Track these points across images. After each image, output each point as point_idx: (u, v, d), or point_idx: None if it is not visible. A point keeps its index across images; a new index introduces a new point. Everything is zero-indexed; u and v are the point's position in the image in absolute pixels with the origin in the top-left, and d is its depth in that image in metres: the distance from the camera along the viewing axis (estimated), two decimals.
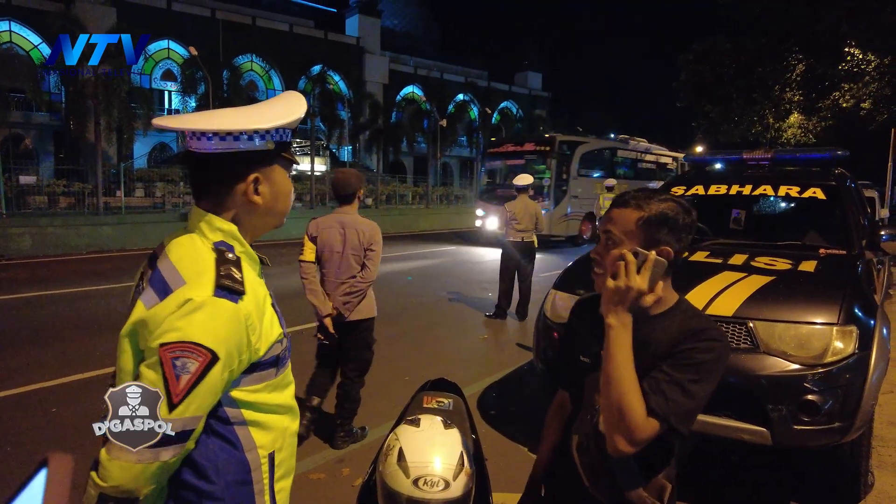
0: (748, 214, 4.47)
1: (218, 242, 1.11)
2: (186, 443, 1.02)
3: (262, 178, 1.13)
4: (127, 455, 0.97)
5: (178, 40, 29.64)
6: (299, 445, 3.01)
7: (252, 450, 1.12)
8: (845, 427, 2.67)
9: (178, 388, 0.98)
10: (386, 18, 43.20)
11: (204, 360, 0.99)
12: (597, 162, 18.66)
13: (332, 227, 3.50)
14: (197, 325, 0.99)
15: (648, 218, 1.22)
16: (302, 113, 1.18)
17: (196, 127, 1.06)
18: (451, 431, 1.51)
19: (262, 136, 1.10)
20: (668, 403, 1.13)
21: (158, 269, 1.07)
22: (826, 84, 18.12)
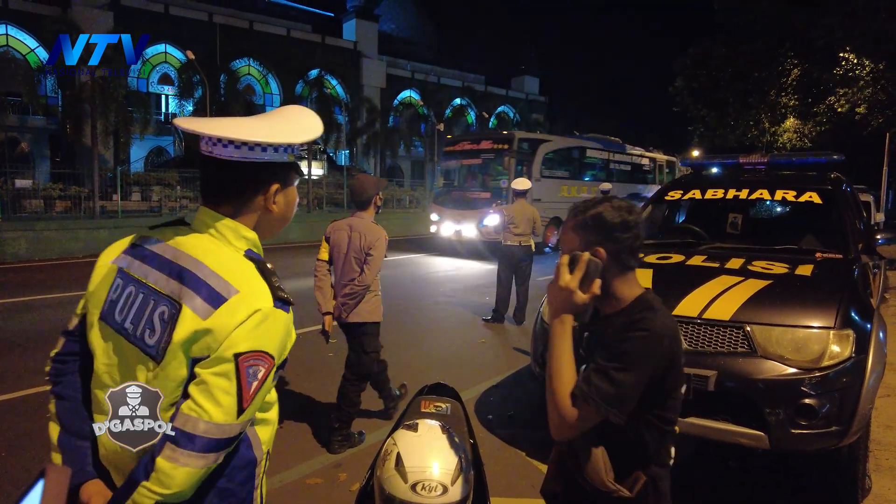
0: (745, 218, 4.49)
1: (247, 251, 1.15)
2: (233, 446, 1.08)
3: (281, 188, 1.18)
4: (195, 461, 1.01)
5: (175, 44, 29.62)
6: None
7: (259, 447, 1.19)
8: (843, 431, 2.68)
9: (249, 394, 1.04)
10: (383, 23, 43.25)
11: (269, 366, 1.07)
12: (563, 162, 17.17)
13: (342, 229, 3.62)
14: (266, 335, 1.05)
15: (578, 224, 1.36)
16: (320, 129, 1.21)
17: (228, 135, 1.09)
18: (449, 436, 1.51)
19: (286, 149, 1.15)
20: (589, 388, 1.22)
21: (193, 275, 1.07)
22: (821, 89, 18.23)
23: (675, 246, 4.02)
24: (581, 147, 18.00)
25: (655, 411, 1.31)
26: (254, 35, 32.79)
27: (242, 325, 1.03)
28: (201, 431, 1.01)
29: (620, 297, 1.35)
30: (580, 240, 1.35)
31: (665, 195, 4.80)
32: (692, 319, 2.99)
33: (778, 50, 18.38)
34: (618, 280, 1.35)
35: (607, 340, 1.30)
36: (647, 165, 21.36)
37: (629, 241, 1.33)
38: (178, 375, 1.05)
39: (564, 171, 17.05)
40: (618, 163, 19.43)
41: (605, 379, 1.23)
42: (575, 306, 1.29)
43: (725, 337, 2.91)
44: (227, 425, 1.03)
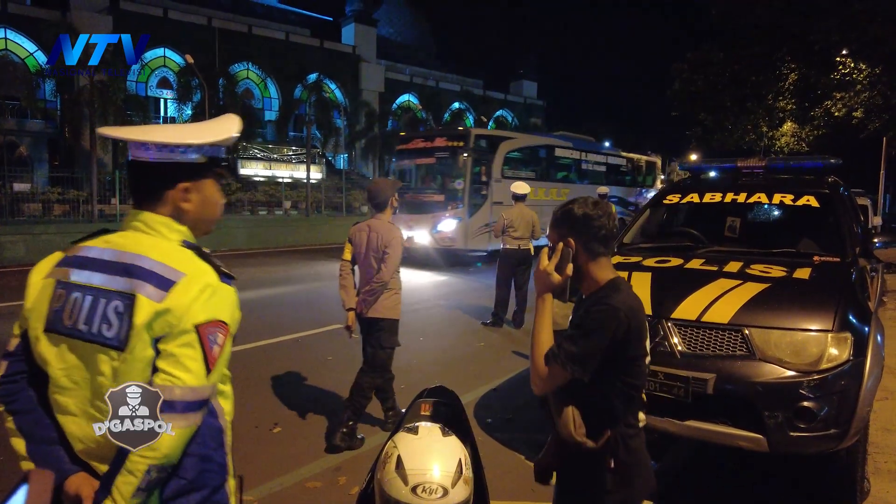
0: (743, 222, 4.49)
1: (183, 241, 1.28)
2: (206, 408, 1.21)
3: (192, 187, 1.30)
4: (179, 421, 1.13)
5: (174, 48, 29.67)
6: None
7: (223, 416, 1.33)
8: (841, 433, 2.69)
9: (213, 357, 1.19)
10: (382, 27, 43.35)
11: (226, 332, 1.22)
12: (528, 162, 15.91)
13: (363, 230, 3.87)
14: (218, 305, 1.21)
15: (553, 220, 1.66)
16: (233, 133, 1.33)
17: (139, 138, 1.24)
18: (449, 439, 1.51)
19: (196, 150, 1.27)
20: (558, 350, 1.51)
21: (140, 267, 1.19)
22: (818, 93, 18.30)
23: (674, 249, 4.03)
24: (549, 146, 16.72)
25: (622, 377, 1.56)
26: (253, 39, 32.85)
27: (197, 300, 1.17)
28: (178, 396, 1.13)
29: (595, 280, 1.62)
30: (556, 233, 1.64)
31: (663, 199, 4.81)
32: (691, 322, 3.00)
33: (775, 54, 18.46)
34: (591, 265, 1.62)
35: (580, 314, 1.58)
36: (625, 166, 20.24)
37: (594, 231, 1.60)
38: (144, 356, 1.16)
39: (530, 171, 15.77)
40: (591, 163, 18.20)
41: (571, 343, 1.51)
42: (552, 286, 1.58)
43: (724, 340, 2.92)
44: (199, 387, 1.17)
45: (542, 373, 1.54)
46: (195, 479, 1.24)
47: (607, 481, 1.58)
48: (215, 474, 1.28)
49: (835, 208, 4.05)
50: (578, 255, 1.60)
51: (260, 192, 24.84)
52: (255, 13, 36.57)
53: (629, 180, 20.19)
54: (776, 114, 19.85)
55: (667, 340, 3.01)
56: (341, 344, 6.40)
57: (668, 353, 2.98)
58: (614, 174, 19.40)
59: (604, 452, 1.56)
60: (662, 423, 2.94)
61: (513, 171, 14.73)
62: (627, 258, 3.87)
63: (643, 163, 21.56)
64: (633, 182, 20.29)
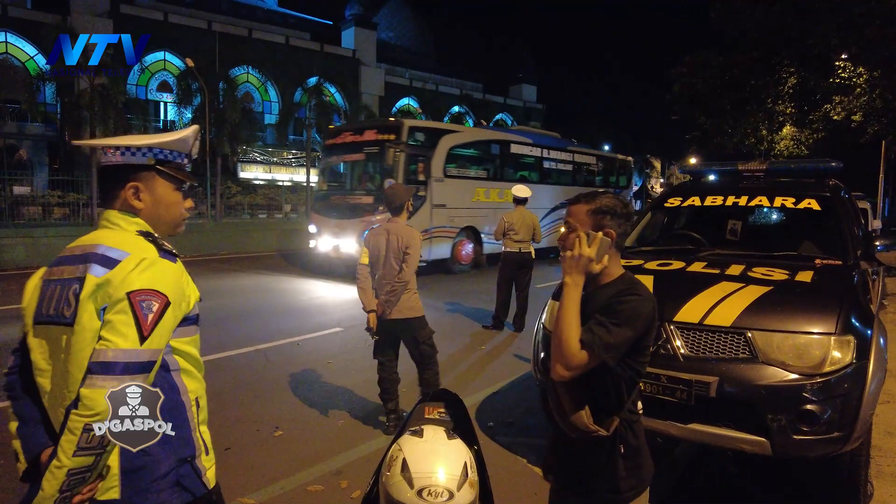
0: (744, 225, 4.50)
1: (139, 231, 1.41)
2: (150, 374, 1.27)
3: (141, 187, 1.42)
4: (108, 381, 1.19)
5: (174, 52, 29.71)
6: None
7: (185, 393, 1.40)
8: (844, 437, 2.68)
9: (147, 323, 1.25)
10: (381, 31, 43.44)
11: (162, 302, 1.28)
12: (478, 159, 13.98)
13: (380, 234, 3.99)
14: (153, 276, 1.29)
15: (595, 209, 1.66)
16: (174, 138, 1.44)
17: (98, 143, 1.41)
18: (454, 442, 1.51)
19: (144, 152, 1.40)
20: (593, 337, 1.51)
21: (94, 253, 1.32)
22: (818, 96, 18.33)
23: (676, 252, 4.03)
24: (502, 141, 14.69)
25: (631, 364, 1.59)
26: (253, 43, 32.89)
27: (132, 272, 1.28)
28: (111, 358, 1.21)
29: (611, 272, 1.68)
30: (593, 221, 1.65)
31: (664, 202, 4.82)
32: (693, 325, 2.99)
33: (774, 58, 18.51)
34: (612, 258, 1.67)
35: (604, 303, 1.59)
36: (595, 165, 18.15)
37: (627, 228, 1.69)
38: (92, 326, 1.27)
39: (481, 169, 13.97)
40: (555, 161, 16.17)
41: (604, 330, 1.52)
42: (588, 272, 1.61)
43: (727, 343, 2.91)
44: (132, 350, 1.23)
45: (577, 359, 1.51)
46: (154, 452, 1.30)
47: (620, 467, 1.62)
48: (177, 448, 1.35)
49: (836, 211, 4.05)
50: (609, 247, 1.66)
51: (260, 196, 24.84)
52: (255, 17, 36.62)
53: (600, 181, 18.39)
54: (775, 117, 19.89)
55: (669, 343, 3.00)
56: (342, 347, 6.39)
57: (671, 357, 2.97)
58: (583, 174, 17.41)
59: (614, 439, 1.61)
60: (665, 426, 2.93)
61: (459, 169, 13.06)
62: (629, 261, 3.87)
63: (616, 162, 19.71)
64: (604, 183, 18.52)
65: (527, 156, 15.30)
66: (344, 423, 4.30)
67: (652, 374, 2.94)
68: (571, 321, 1.55)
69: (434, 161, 11.89)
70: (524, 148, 15.11)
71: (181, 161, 1.47)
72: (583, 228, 1.65)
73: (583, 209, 1.68)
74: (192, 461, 1.39)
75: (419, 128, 12.35)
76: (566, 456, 1.72)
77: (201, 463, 1.42)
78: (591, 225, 1.65)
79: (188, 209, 1.53)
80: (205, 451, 1.44)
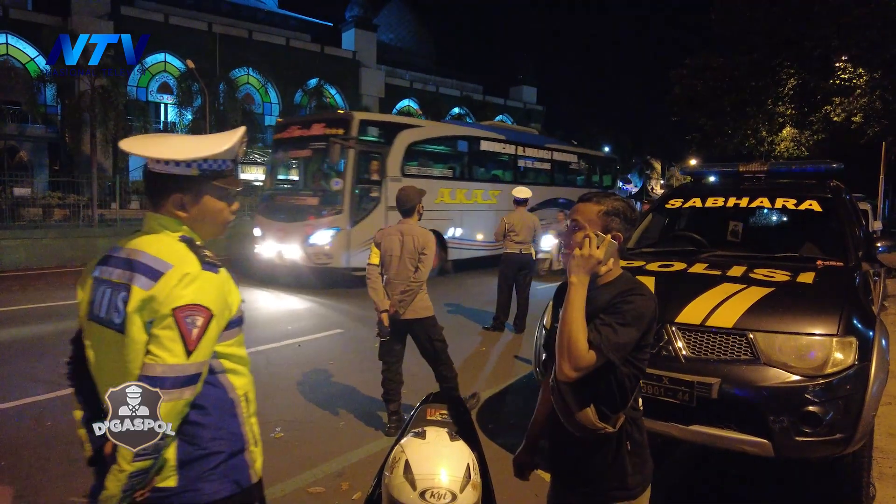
0: (745, 226, 4.50)
1: (181, 237, 1.42)
2: (198, 384, 1.33)
3: (187, 199, 1.44)
4: (163, 396, 1.25)
5: (175, 53, 29.75)
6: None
7: (233, 391, 1.46)
8: (847, 438, 2.67)
9: (192, 338, 1.29)
10: (382, 33, 43.47)
11: (206, 316, 1.32)
12: (443, 157, 12.70)
13: (393, 235, 4.05)
14: (196, 291, 1.32)
15: (606, 210, 1.67)
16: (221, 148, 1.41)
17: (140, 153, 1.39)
18: (457, 443, 1.50)
19: (189, 164, 1.39)
20: (601, 337, 1.52)
21: (138, 262, 1.36)
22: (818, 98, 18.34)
23: (677, 254, 4.03)
24: (471, 137, 13.30)
25: (633, 361, 1.61)
26: (253, 44, 32.93)
27: (176, 287, 1.31)
28: (159, 373, 1.26)
29: (610, 271, 1.69)
30: (603, 223, 1.66)
31: (666, 203, 4.82)
32: (695, 327, 2.99)
33: (774, 60, 18.52)
34: (614, 259, 1.68)
35: (607, 302, 1.60)
36: (576, 164, 16.76)
37: (630, 233, 1.73)
38: (140, 338, 1.31)
39: (446, 168, 12.73)
40: (531, 159, 14.87)
41: (611, 330, 1.53)
42: (594, 272, 1.62)
43: (728, 344, 2.91)
44: (179, 365, 1.28)
45: (586, 360, 1.52)
46: (207, 446, 1.39)
47: (627, 463, 1.64)
48: (228, 441, 1.43)
49: (837, 212, 4.05)
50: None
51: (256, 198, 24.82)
52: (255, 18, 36.65)
53: (582, 181, 16.98)
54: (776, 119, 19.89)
55: (671, 345, 3.00)
56: (343, 348, 6.39)
57: (673, 358, 2.97)
58: (562, 173, 16.02)
59: (620, 436, 1.62)
60: (667, 427, 2.93)
61: (421, 168, 11.72)
62: (631, 262, 3.87)
63: (600, 160, 18.50)
64: (587, 183, 17.08)
65: (499, 153, 14.10)
66: (345, 424, 4.29)
67: (654, 375, 2.93)
68: (579, 321, 1.54)
69: (390, 159, 10.65)
70: (496, 145, 13.85)
71: (227, 168, 1.46)
72: (591, 228, 1.65)
73: (594, 209, 1.68)
74: (242, 453, 1.46)
75: (373, 122, 10.98)
76: (571, 456, 1.72)
77: (250, 455, 1.49)
78: (601, 226, 1.66)
79: (234, 211, 1.55)
80: (253, 443, 1.50)
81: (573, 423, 1.62)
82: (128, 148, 1.41)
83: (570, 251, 1.65)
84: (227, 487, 1.43)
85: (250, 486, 1.49)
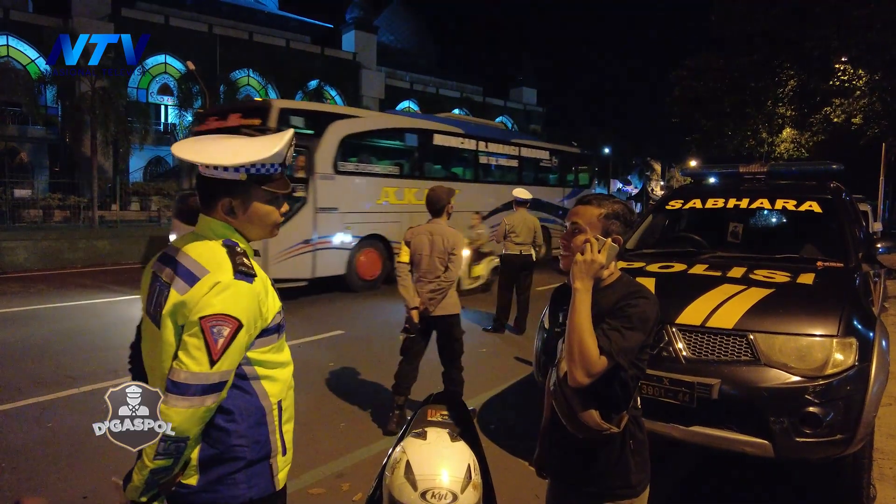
0: (745, 227, 4.50)
1: (225, 241, 1.44)
2: (222, 392, 1.35)
3: (235, 203, 1.45)
4: (181, 402, 1.29)
5: (175, 55, 29.76)
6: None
7: (265, 398, 1.46)
8: (847, 439, 2.68)
9: (217, 348, 1.31)
10: (382, 34, 43.50)
11: (233, 326, 1.33)
12: (387, 152, 11.39)
13: (422, 234, 4.13)
14: (225, 301, 1.33)
15: (607, 214, 1.66)
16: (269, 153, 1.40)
17: (194, 160, 1.42)
18: (458, 444, 1.51)
19: (237, 169, 1.40)
20: (610, 343, 1.52)
21: (181, 264, 1.40)
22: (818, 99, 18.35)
23: (677, 255, 4.03)
24: (421, 130, 11.90)
25: (635, 362, 1.60)
26: (253, 46, 32.95)
27: (206, 295, 1.32)
28: (182, 379, 1.29)
29: (611, 274, 1.69)
30: (603, 226, 1.65)
31: (666, 204, 4.82)
32: (696, 328, 2.99)
33: (774, 61, 18.53)
34: (614, 262, 1.67)
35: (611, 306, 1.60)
36: (548, 161, 15.29)
37: (629, 235, 1.70)
38: (171, 340, 1.36)
39: (391, 164, 11.41)
40: (495, 155, 13.59)
41: (619, 335, 1.53)
42: (597, 275, 1.62)
43: (729, 345, 2.91)
44: (202, 374, 1.30)
45: (598, 366, 1.52)
46: (225, 452, 1.40)
47: (631, 462, 1.65)
48: (250, 449, 1.43)
49: (837, 213, 4.05)
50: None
51: None
52: (255, 20, 36.69)
53: (555, 179, 15.54)
54: (775, 120, 19.91)
55: (671, 346, 3.00)
56: (342, 351, 6.39)
57: (673, 359, 2.97)
58: (531, 171, 14.71)
59: (624, 435, 1.63)
60: (667, 428, 2.93)
61: (361, 163, 10.44)
62: (631, 263, 3.87)
63: (574, 157, 16.85)
64: (560, 181, 15.63)
65: (457, 148, 12.69)
66: (346, 425, 4.30)
67: (654, 376, 2.93)
68: (588, 328, 1.54)
69: (320, 153, 9.47)
70: (452, 139, 12.44)
71: (275, 172, 1.46)
72: (592, 232, 1.65)
73: (594, 212, 1.68)
74: (266, 461, 1.47)
75: (296, 111, 9.77)
76: (575, 457, 1.72)
77: (276, 463, 1.49)
78: (601, 229, 1.66)
79: (284, 213, 1.56)
80: (281, 452, 1.51)
81: (577, 425, 1.62)
82: (179, 153, 1.43)
83: (571, 255, 1.65)
84: (245, 493, 1.44)
85: (271, 495, 1.49)
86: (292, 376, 1.59)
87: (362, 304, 9.29)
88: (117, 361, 5.22)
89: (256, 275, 1.41)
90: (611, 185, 52.17)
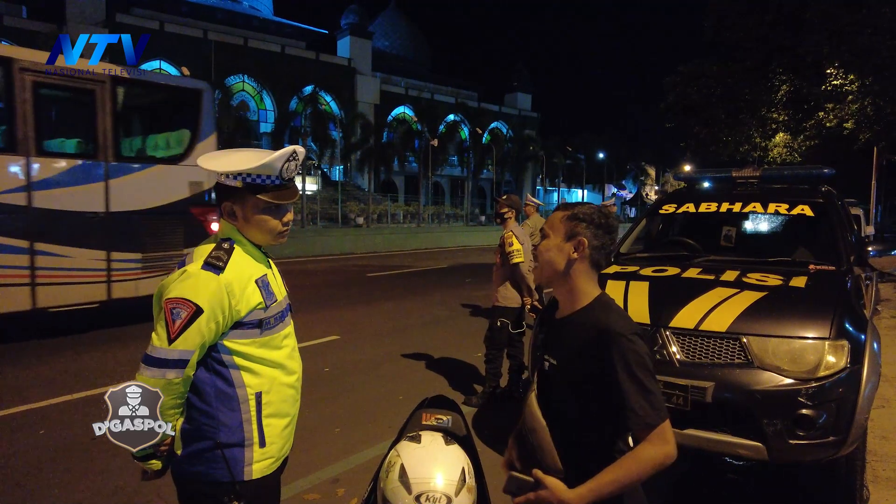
0: (738, 231, 4.52)
1: (224, 238, 1.59)
2: (185, 369, 1.46)
3: (236, 208, 1.59)
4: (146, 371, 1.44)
5: (170, 61, 29.80)
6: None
7: (241, 387, 1.55)
8: (840, 441, 2.69)
9: (174, 328, 1.44)
10: (377, 40, 43.65)
11: (190, 310, 1.44)
12: None
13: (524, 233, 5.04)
14: (185, 287, 1.47)
15: (570, 215, 1.53)
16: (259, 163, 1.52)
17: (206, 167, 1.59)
18: (452, 448, 1.51)
19: (234, 177, 1.55)
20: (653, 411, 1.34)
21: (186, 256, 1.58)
22: (811, 104, 18.48)
23: (671, 259, 4.05)
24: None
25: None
26: (248, 52, 33.03)
27: (174, 282, 1.49)
28: (149, 351, 1.46)
29: (584, 294, 1.50)
30: (566, 228, 1.52)
31: (659, 209, 4.84)
32: (689, 331, 3.01)
33: (767, 67, 18.65)
34: (585, 277, 1.51)
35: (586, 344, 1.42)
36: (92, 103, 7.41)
37: (606, 241, 1.51)
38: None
39: None
40: None
41: (647, 394, 1.35)
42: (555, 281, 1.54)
43: (722, 348, 2.93)
44: (162, 349, 1.44)
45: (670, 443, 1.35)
46: (196, 429, 1.52)
47: None
48: (218, 431, 1.52)
49: (829, 217, 4.08)
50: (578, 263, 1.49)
51: None
52: (250, 26, 36.77)
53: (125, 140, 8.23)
54: (769, 125, 20.02)
55: (665, 349, 3.01)
56: (337, 355, 6.37)
57: (667, 362, 2.98)
58: (50, 121, 7.84)
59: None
60: None
61: None
62: (625, 268, 3.89)
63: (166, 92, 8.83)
64: (141, 148, 8.47)
65: None
66: (340, 430, 4.29)
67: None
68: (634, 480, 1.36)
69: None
70: None
71: (270, 183, 1.57)
72: (556, 236, 1.53)
73: (558, 215, 1.56)
74: (239, 448, 1.54)
75: None
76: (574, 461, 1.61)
77: (249, 453, 1.56)
78: (564, 232, 1.51)
79: (286, 222, 1.65)
80: (259, 444, 1.57)
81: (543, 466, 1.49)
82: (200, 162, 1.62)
83: (541, 265, 1.57)
84: (217, 473, 1.52)
85: (243, 483, 1.54)
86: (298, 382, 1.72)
87: (357, 310, 9.29)
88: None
89: (225, 268, 1.51)
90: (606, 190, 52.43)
